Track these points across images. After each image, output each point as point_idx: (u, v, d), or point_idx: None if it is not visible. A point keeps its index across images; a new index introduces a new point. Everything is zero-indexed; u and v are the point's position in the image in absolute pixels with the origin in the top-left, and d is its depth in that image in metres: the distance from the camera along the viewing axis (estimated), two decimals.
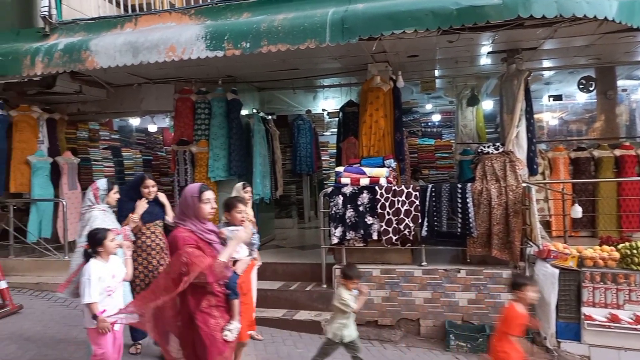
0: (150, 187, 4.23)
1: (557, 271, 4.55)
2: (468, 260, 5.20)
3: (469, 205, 5.11)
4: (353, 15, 5.14)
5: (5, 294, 5.20)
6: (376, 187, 5.39)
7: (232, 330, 2.90)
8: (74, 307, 5.51)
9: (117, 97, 7.74)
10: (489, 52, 6.51)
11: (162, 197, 4.37)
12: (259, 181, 7.30)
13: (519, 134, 5.92)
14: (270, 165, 8.01)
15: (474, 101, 8.48)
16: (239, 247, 3.14)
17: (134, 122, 9.63)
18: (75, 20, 6.64)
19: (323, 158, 12.05)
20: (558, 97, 9.66)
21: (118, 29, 6.28)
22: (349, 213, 5.42)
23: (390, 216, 5.28)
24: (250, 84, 8.15)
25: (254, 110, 7.90)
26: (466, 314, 5.04)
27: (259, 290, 5.55)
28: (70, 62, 5.91)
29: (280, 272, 6.06)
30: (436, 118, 11.08)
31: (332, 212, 5.50)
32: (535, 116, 6.93)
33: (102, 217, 3.79)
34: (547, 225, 6.73)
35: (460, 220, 5.13)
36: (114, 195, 3.97)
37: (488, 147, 5.57)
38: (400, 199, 5.28)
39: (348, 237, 5.41)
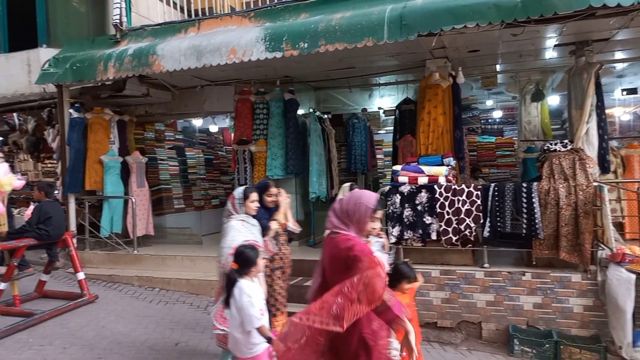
0: (274, 195, 4.01)
1: (633, 276, 4.25)
2: (533, 263, 4.98)
3: (535, 205, 4.89)
4: (412, 11, 5.08)
5: (83, 285, 5.59)
6: (435, 186, 5.29)
7: (398, 349, 2.54)
8: (143, 299, 5.84)
9: (181, 99, 8.09)
10: (555, 45, 6.19)
11: (284, 202, 4.13)
12: (315, 179, 7.38)
13: (589, 130, 5.61)
14: (326, 164, 8.07)
15: (538, 96, 8.09)
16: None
17: (197, 122, 10.01)
18: (143, 26, 7.02)
19: (378, 157, 11.97)
20: (632, 91, 8.99)
21: (182, 33, 6.57)
22: (407, 212, 5.35)
23: (450, 216, 5.16)
24: (307, 84, 8.24)
25: (311, 110, 7.98)
26: (531, 318, 4.83)
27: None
28: (139, 67, 6.26)
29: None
30: (497, 114, 10.66)
31: (390, 211, 5.45)
32: (607, 111, 6.50)
33: (239, 227, 3.50)
34: (619, 227, 6.31)
35: (525, 221, 4.92)
36: (252, 204, 3.61)
37: (555, 144, 5.30)
38: (460, 198, 5.15)
39: (406, 237, 5.34)
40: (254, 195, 3.64)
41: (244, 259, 2.97)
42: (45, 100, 7.92)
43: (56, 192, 7.26)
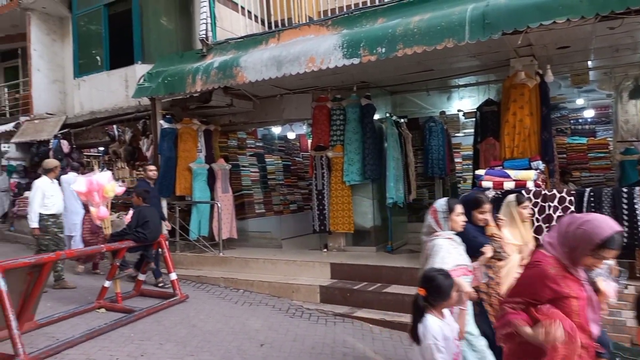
0: (486, 213, 3.47)
1: None
2: (637, 275, 4.56)
3: (637, 212, 4.49)
4: (495, 9, 4.89)
5: (176, 285, 5.98)
6: (523, 192, 5.02)
7: None
8: (229, 300, 6.12)
9: (262, 108, 8.40)
10: None
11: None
12: (392, 185, 7.32)
13: None
14: (403, 169, 7.98)
15: (637, 93, 7.41)
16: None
17: (276, 130, 10.35)
18: (227, 40, 7.38)
19: (456, 160, 11.61)
20: None
21: (263, 44, 6.82)
22: None
23: (540, 223, 4.87)
24: (383, 88, 8.21)
25: (387, 114, 7.93)
26: (636, 336, 4.42)
27: (396, 294, 5.59)
28: (224, 79, 6.58)
29: (417, 277, 5.96)
30: (588, 114, 9.89)
31: None
32: None
33: (447, 246, 2.99)
34: None
35: (626, 229, 4.52)
36: (458, 218, 3.10)
37: None
38: (551, 204, 4.86)
39: None
40: (459, 208, 3.13)
41: (435, 287, 2.46)
42: (140, 113, 8.59)
43: None
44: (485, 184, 5.32)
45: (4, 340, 4.17)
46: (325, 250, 7.56)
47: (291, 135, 10.67)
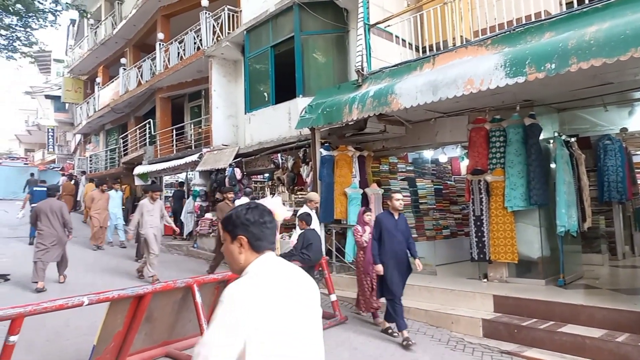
0: None
1: None
2: None
3: None
4: None
5: (335, 306, 6.21)
6: None
7: None
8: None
9: (414, 132, 8.41)
10: None
11: None
12: (563, 211, 6.63)
13: None
14: (576, 193, 7.18)
15: None
16: None
17: (427, 153, 10.24)
18: (381, 69, 7.60)
19: (639, 182, 10.05)
20: None
21: (418, 70, 6.85)
22: None
23: None
24: (549, 106, 7.57)
25: (555, 134, 7.26)
26: None
27: (574, 335, 4.99)
28: (379, 106, 6.77)
29: (599, 318, 5.25)
30: None
31: None
32: None
33: None
34: None
35: None
36: None
37: None
38: None
39: None
40: None
41: None
42: (301, 142, 9.30)
43: None
44: None
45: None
46: (485, 280, 7.13)
47: (443, 159, 10.42)
